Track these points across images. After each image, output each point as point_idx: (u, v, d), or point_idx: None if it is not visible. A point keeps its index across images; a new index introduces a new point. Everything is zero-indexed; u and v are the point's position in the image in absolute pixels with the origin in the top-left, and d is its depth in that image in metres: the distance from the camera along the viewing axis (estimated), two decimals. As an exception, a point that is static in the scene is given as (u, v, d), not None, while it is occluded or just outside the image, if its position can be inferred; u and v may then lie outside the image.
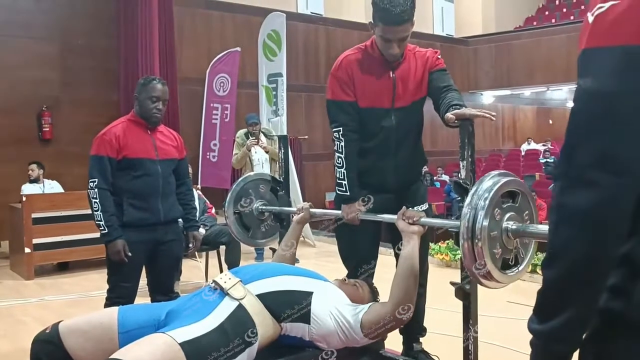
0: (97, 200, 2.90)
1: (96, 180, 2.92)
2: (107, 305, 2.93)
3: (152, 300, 3.07)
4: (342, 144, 2.46)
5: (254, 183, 3.13)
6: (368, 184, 2.50)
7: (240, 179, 3.14)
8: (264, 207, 3.07)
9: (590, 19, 0.89)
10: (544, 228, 1.69)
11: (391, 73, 2.46)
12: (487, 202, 1.71)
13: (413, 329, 2.83)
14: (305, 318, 2.05)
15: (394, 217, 2.21)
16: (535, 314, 1.00)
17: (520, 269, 1.88)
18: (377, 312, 2.09)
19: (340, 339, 2.06)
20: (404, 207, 2.14)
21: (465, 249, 1.73)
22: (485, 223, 1.70)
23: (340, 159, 2.46)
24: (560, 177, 0.91)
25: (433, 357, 2.88)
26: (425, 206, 2.66)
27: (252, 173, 3.32)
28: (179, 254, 3.34)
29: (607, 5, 0.87)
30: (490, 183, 1.77)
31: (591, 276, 0.92)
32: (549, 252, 0.95)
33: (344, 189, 2.48)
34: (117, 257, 2.93)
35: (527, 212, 1.87)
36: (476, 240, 1.69)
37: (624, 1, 0.85)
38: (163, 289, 3.13)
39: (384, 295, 2.39)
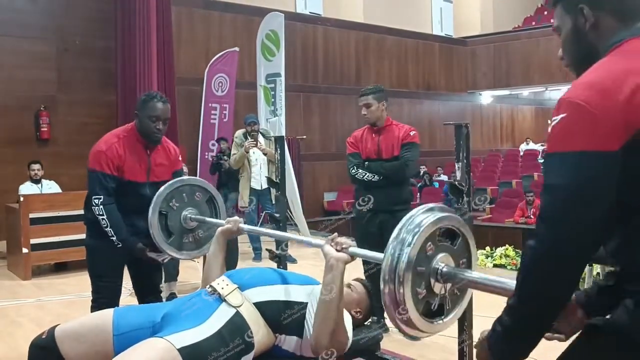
0: (105, 217, 2.87)
1: (101, 197, 2.87)
2: (93, 307, 2.92)
3: (140, 302, 3.05)
4: (354, 171, 3.82)
5: (190, 188, 2.92)
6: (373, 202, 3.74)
7: (176, 180, 2.91)
8: (192, 216, 2.86)
9: (549, 128, 1.18)
10: (478, 276, 1.53)
11: (374, 135, 3.82)
12: (415, 237, 1.49)
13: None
14: (300, 331, 2.04)
15: (321, 242, 2.03)
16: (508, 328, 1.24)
17: (445, 320, 1.61)
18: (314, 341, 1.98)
19: None
20: (335, 234, 2.03)
21: (385, 289, 1.49)
22: (411, 261, 1.47)
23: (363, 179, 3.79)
24: (530, 247, 1.18)
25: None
26: None
27: (194, 177, 3.05)
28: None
29: (559, 117, 1.16)
30: (422, 217, 1.55)
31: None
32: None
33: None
34: (146, 258, 2.94)
35: (464, 259, 1.63)
36: (399, 280, 1.46)
37: (570, 115, 1.14)
38: (148, 290, 3.11)
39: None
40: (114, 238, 2.88)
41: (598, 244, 1.17)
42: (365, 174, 3.74)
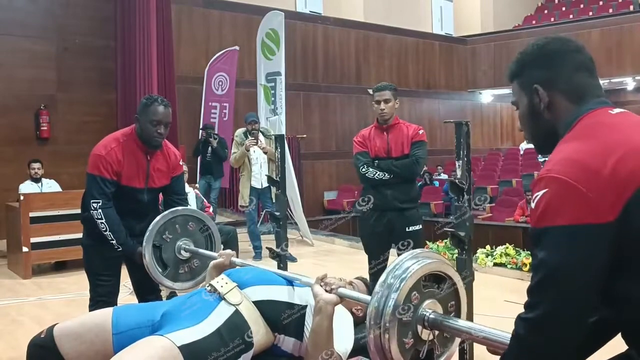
0: (104, 221, 2.86)
1: (100, 201, 2.86)
2: (91, 306, 2.91)
3: (140, 301, 3.05)
4: (364, 169, 3.75)
5: (183, 218, 2.90)
6: (378, 203, 3.73)
7: (169, 211, 2.90)
8: (186, 247, 2.85)
9: (532, 204, 1.21)
10: (466, 325, 1.52)
11: (383, 133, 3.80)
12: (403, 283, 1.49)
13: None
14: (299, 333, 2.04)
15: (311, 280, 2.02)
16: None
17: None
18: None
19: None
20: (325, 273, 2.01)
21: (371, 334, 1.48)
22: (397, 307, 1.47)
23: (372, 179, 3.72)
24: (523, 319, 1.20)
25: None
26: (418, 227, 3.75)
27: (187, 208, 3.04)
28: None
29: (541, 192, 1.18)
30: (410, 263, 1.55)
31: None
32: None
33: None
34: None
35: (452, 302, 1.63)
36: (384, 326, 1.46)
37: (554, 190, 1.17)
38: (147, 289, 3.10)
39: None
40: (114, 242, 2.88)
41: (593, 307, 1.20)
42: (376, 172, 3.73)
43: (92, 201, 2.88)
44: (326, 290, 1.93)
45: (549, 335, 1.16)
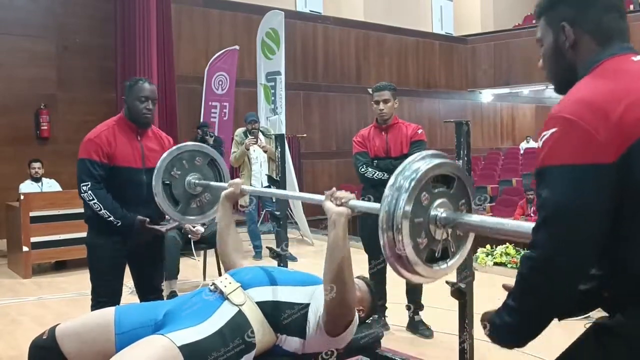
0: (96, 201, 2.88)
1: (88, 183, 2.89)
2: (93, 306, 2.91)
3: (141, 300, 3.05)
4: (363, 169, 3.81)
5: (189, 154, 2.87)
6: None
7: (174, 148, 2.87)
8: (196, 181, 2.84)
9: (540, 143, 1.22)
10: (478, 219, 1.53)
11: (382, 133, 3.86)
12: (412, 183, 1.47)
13: (414, 304, 3.86)
14: (302, 332, 2.04)
15: (322, 197, 2.03)
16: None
17: (449, 264, 1.60)
18: (324, 312, 2.00)
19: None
20: (333, 188, 2.04)
21: (384, 238, 1.48)
22: (408, 207, 1.45)
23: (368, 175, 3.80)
24: (528, 258, 1.21)
25: (428, 325, 3.83)
26: None
27: (191, 143, 3.02)
28: (160, 252, 3.23)
29: (549, 132, 1.20)
30: (419, 164, 1.54)
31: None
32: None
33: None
34: (148, 230, 2.91)
35: (463, 200, 1.63)
36: (397, 227, 1.45)
37: (562, 129, 1.18)
38: (148, 288, 3.10)
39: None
40: (111, 218, 2.88)
41: (596, 252, 1.19)
42: (375, 172, 3.78)
43: (81, 185, 2.92)
44: (337, 205, 1.95)
45: (550, 274, 1.17)
